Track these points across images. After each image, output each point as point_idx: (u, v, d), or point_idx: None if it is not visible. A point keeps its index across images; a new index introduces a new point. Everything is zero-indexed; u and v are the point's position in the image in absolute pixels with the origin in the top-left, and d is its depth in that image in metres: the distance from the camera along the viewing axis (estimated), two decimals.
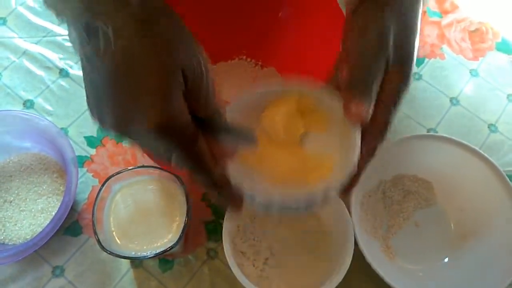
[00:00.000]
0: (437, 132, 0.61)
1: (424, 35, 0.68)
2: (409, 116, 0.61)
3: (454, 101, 0.63)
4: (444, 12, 0.70)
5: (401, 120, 0.61)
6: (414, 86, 0.64)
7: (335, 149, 0.36)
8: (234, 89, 0.58)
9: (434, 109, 0.63)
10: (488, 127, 0.62)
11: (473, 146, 0.51)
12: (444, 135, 0.53)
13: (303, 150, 0.39)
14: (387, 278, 0.45)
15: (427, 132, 0.61)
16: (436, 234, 0.54)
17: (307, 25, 0.55)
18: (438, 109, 0.63)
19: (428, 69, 0.65)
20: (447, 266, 0.51)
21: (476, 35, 0.69)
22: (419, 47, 0.33)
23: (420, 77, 0.65)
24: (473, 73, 0.66)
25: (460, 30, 0.69)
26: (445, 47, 0.67)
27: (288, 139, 0.38)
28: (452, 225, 0.54)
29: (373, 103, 0.32)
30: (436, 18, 0.69)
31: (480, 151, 0.51)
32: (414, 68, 0.33)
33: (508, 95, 0.65)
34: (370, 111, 0.32)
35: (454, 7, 0.71)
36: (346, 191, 0.36)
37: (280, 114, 0.37)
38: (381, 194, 0.54)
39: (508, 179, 0.50)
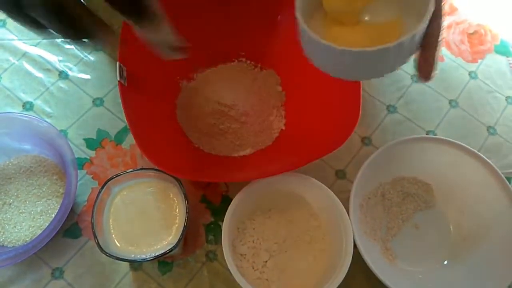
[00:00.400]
0: (436, 134, 0.61)
1: None
2: (408, 118, 0.62)
3: (453, 103, 0.63)
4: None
5: (400, 123, 0.61)
6: (413, 88, 0.64)
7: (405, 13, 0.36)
8: (234, 91, 0.58)
9: (433, 111, 0.63)
10: (487, 130, 0.62)
11: (472, 149, 0.52)
12: (443, 137, 0.53)
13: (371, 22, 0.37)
14: (387, 281, 0.45)
15: (426, 134, 0.61)
16: (435, 236, 0.54)
17: None
18: (437, 112, 0.63)
19: None
20: (446, 268, 0.51)
21: (475, 37, 0.69)
22: None
23: (418, 80, 0.64)
24: (472, 75, 0.66)
25: (459, 33, 0.69)
26: (444, 49, 0.67)
27: (351, 16, 0.37)
28: (451, 227, 0.54)
29: None
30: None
31: (479, 153, 0.51)
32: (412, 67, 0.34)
33: (507, 97, 0.65)
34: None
35: (453, 10, 0.71)
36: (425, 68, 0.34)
37: None
38: (381, 196, 0.54)
39: (507, 181, 0.50)
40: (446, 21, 0.70)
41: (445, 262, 0.52)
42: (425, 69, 0.34)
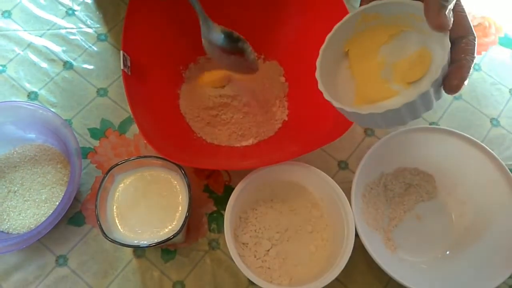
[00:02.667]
0: (439, 125, 0.61)
1: None
2: None
3: (456, 95, 0.63)
4: None
5: None
6: None
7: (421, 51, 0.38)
8: (238, 82, 0.58)
9: (436, 103, 0.62)
10: (490, 121, 0.62)
11: (474, 139, 0.52)
12: (446, 127, 0.53)
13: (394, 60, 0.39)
14: (388, 270, 0.45)
15: (430, 125, 0.60)
16: (437, 226, 0.54)
17: (309, 19, 0.55)
18: (441, 103, 0.63)
19: None
20: (448, 258, 0.51)
21: (479, 29, 0.69)
22: None
23: (445, 91, 0.64)
24: (476, 67, 0.66)
25: None
26: None
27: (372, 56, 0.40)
28: (453, 217, 0.54)
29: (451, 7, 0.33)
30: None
31: (482, 144, 0.51)
32: None
33: (510, 89, 0.65)
34: (451, 17, 0.33)
35: None
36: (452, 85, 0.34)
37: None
38: (383, 186, 0.54)
39: (510, 172, 0.50)
40: None
41: (447, 253, 0.52)
42: (453, 82, 0.34)
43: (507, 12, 0.70)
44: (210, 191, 0.54)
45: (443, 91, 0.36)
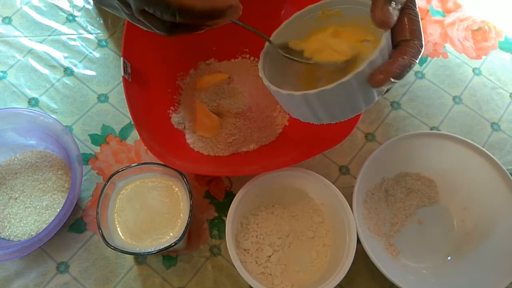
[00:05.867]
0: (440, 130, 0.61)
1: (427, 34, 0.68)
2: (412, 114, 0.62)
3: (457, 99, 0.63)
4: (447, 11, 0.70)
5: (403, 119, 0.61)
6: (417, 85, 0.64)
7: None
8: (238, 88, 0.58)
9: (437, 107, 0.63)
10: (491, 126, 0.62)
11: (475, 144, 0.52)
12: (447, 132, 0.53)
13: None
14: (390, 276, 0.45)
15: (430, 130, 0.61)
16: (439, 232, 0.54)
17: None
18: (441, 108, 0.63)
19: (431, 68, 0.65)
20: (450, 263, 0.51)
21: (479, 34, 0.69)
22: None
23: (423, 76, 0.65)
24: (476, 71, 0.66)
25: (463, 29, 0.69)
26: (448, 46, 0.67)
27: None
28: (455, 223, 0.54)
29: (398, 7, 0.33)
30: (439, 17, 0.69)
31: (483, 149, 0.51)
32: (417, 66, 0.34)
33: (511, 94, 0.65)
34: (395, 15, 0.33)
35: (457, 6, 0.71)
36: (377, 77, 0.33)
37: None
38: (384, 192, 0.54)
39: (511, 176, 0.50)
40: (450, 18, 0.70)
41: (449, 258, 0.52)
42: (377, 76, 0.33)
43: (507, 16, 0.70)
44: (211, 197, 0.54)
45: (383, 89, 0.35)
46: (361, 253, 0.45)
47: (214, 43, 0.60)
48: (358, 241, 0.46)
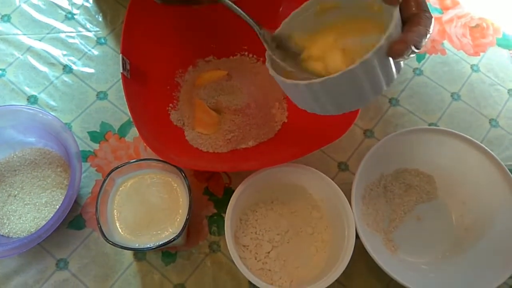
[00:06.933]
0: (438, 127, 0.61)
1: None
2: (410, 111, 0.62)
3: (455, 96, 0.64)
4: (445, 8, 0.70)
5: (402, 115, 0.61)
6: (415, 81, 0.64)
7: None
8: (237, 85, 0.58)
9: (435, 104, 0.63)
10: (489, 122, 0.62)
11: (474, 140, 0.52)
12: (445, 128, 0.53)
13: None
14: (389, 271, 0.45)
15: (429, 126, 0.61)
16: (438, 227, 0.54)
17: None
18: (439, 104, 0.63)
19: (429, 65, 0.66)
20: (448, 259, 0.52)
21: (477, 30, 0.69)
22: None
23: (421, 73, 0.65)
24: (474, 68, 0.66)
25: (461, 26, 0.69)
26: (446, 42, 0.68)
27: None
28: (454, 218, 0.54)
29: None
30: (437, 14, 0.70)
31: (482, 144, 0.51)
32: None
33: (509, 90, 0.65)
34: None
35: (455, 3, 0.71)
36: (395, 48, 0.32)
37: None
38: (383, 188, 0.54)
39: (509, 172, 0.50)
40: (448, 14, 0.70)
41: (447, 253, 0.52)
42: (397, 46, 0.32)
43: (505, 13, 0.71)
44: (210, 193, 0.54)
45: (401, 65, 0.35)
46: (360, 248, 0.45)
47: (213, 40, 0.60)
48: (357, 236, 0.46)
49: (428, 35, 0.33)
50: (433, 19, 0.34)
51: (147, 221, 0.46)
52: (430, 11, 0.34)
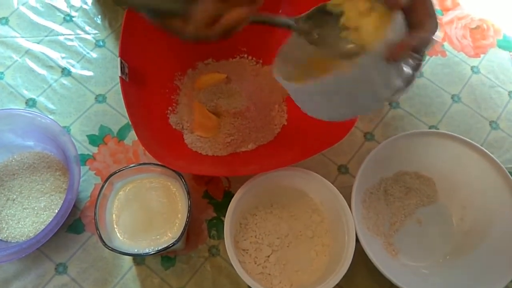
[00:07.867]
0: (438, 129, 0.61)
1: None
2: (410, 113, 0.61)
3: (455, 98, 0.63)
4: (445, 10, 0.70)
5: (402, 118, 0.61)
6: (416, 83, 0.64)
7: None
8: (236, 88, 0.58)
9: (435, 106, 0.63)
10: (490, 124, 0.62)
11: (474, 143, 0.51)
12: (446, 131, 0.53)
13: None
14: (389, 275, 0.45)
15: (429, 129, 0.60)
16: (438, 231, 0.54)
17: None
18: (440, 106, 0.63)
19: (429, 66, 0.65)
20: (449, 263, 0.51)
21: (477, 32, 0.69)
22: None
23: (421, 74, 0.65)
24: (475, 70, 0.66)
25: (461, 27, 0.69)
26: (446, 44, 0.67)
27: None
28: (454, 221, 0.54)
29: None
30: (437, 16, 0.69)
31: (482, 147, 0.51)
32: None
33: (510, 92, 0.65)
34: None
35: (455, 5, 0.71)
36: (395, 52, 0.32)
37: None
38: (383, 191, 0.54)
39: (509, 175, 0.50)
40: (448, 16, 0.70)
41: (448, 257, 0.52)
42: None
43: (505, 14, 0.70)
44: (210, 197, 0.54)
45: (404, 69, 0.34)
46: (360, 252, 0.45)
47: (211, 43, 0.59)
48: (357, 240, 0.46)
49: (430, 42, 0.33)
50: (438, 26, 0.34)
51: (146, 226, 0.46)
52: (435, 18, 0.34)
